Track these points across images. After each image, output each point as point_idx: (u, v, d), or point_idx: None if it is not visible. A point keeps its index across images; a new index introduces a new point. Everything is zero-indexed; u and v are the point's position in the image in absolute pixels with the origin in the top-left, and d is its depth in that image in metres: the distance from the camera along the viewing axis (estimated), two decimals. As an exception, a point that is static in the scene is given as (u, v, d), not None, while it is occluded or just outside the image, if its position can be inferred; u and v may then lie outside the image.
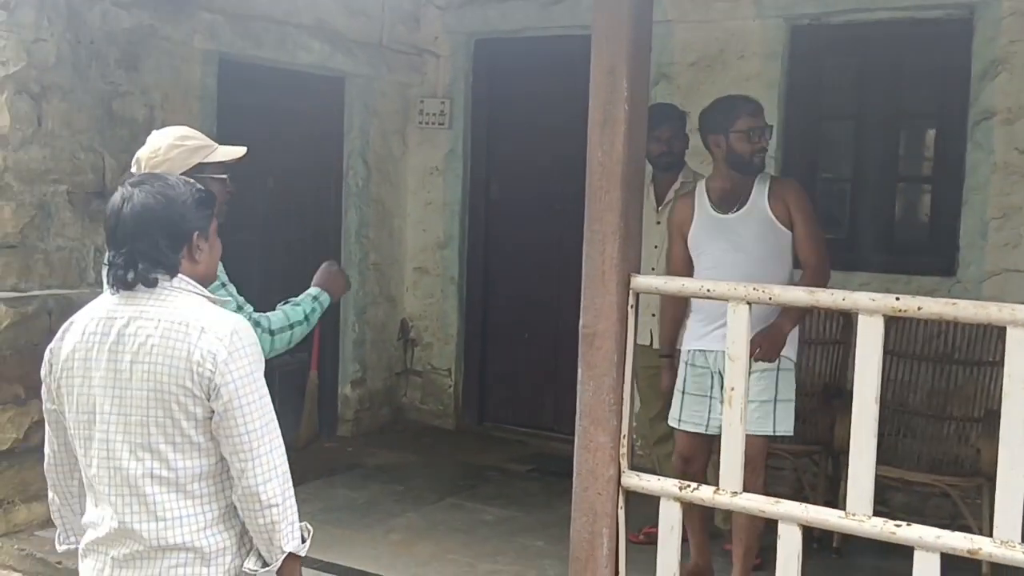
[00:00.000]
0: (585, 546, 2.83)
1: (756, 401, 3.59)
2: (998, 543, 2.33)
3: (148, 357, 1.98)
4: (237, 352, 1.99)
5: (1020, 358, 2.25)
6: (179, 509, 2.01)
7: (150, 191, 2.05)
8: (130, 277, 2.01)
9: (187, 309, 2.02)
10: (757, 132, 3.68)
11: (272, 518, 2.00)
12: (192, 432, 2.00)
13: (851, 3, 4.94)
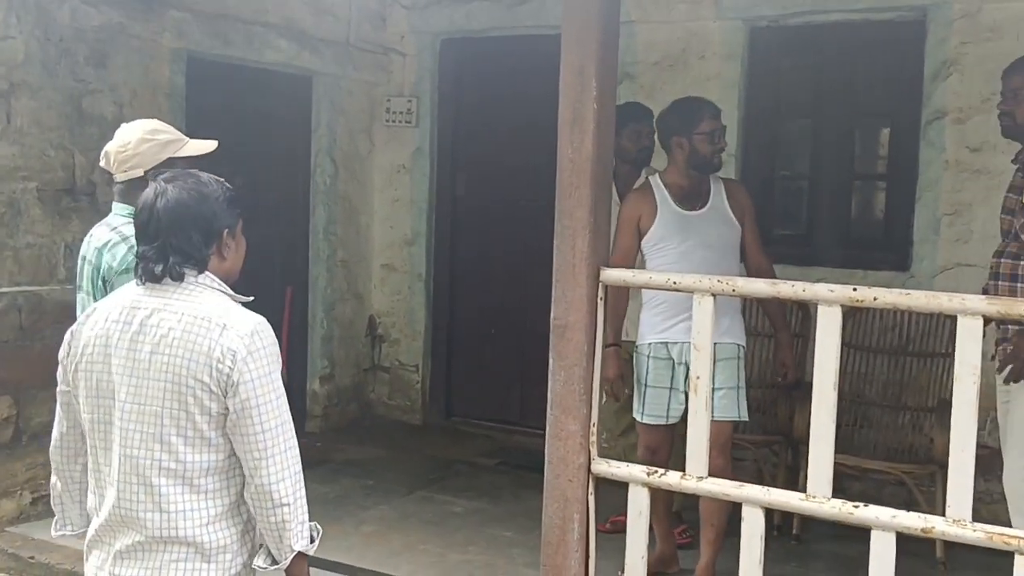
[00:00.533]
0: (556, 531, 2.92)
1: (723, 388, 3.74)
2: (950, 522, 2.46)
3: (168, 349, 2.01)
4: (257, 351, 2.01)
5: (969, 345, 2.38)
6: (184, 503, 2.03)
7: (184, 187, 2.10)
8: (159, 270, 2.05)
9: (211, 305, 2.05)
10: (719, 133, 3.85)
11: (283, 517, 2.02)
12: (204, 427, 2.01)
13: (808, 5, 5.08)
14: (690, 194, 3.85)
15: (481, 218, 6.31)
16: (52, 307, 4.44)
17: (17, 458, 4.49)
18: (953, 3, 4.78)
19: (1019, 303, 2.37)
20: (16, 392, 4.45)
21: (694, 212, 3.83)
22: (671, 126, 3.90)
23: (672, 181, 3.89)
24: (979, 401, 4.60)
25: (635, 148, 4.44)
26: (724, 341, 3.75)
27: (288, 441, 2.04)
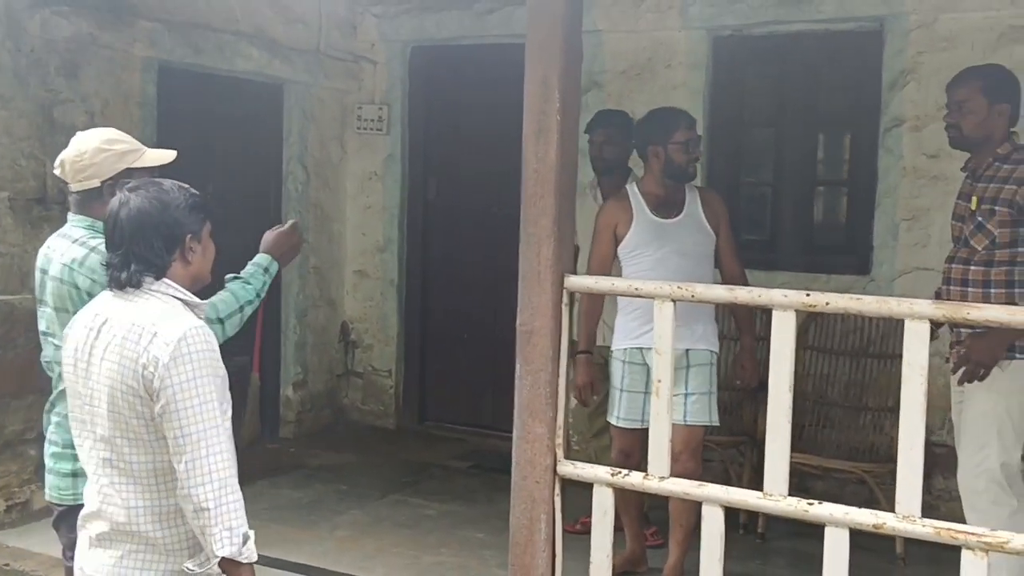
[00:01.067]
0: (524, 532, 2.99)
1: (696, 393, 3.85)
2: (900, 518, 2.55)
3: (110, 355, 2.11)
4: (182, 357, 2.05)
5: (917, 347, 2.47)
6: (136, 499, 2.13)
7: (146, 196, 2.18)
8: (124, 277, 2.15)
9: (151, 312, 2.12)
10: (693, 143, 3.96)
11: (203, 521, 2.05)
12: (141, 430, 2.10)
13: (770, 16, 5.19)
14: (666, 202, 3.95)
15: (453, 224, 6.38)
16: (24, 316, 4.45)
17: (-10, 466, 4.52)
18: (910, 14, 4.92)
19: (964, 307, 2.47)
20: (-11, 401, 4.47)
21: (669, 220, 3.93)
22: (647, 135, 4.00)
23: (648, 190, 3.98)
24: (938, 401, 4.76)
25: (591, 155, 4.57)
26: (699, 347, 3.87)
27: (212, 447, 2.06)
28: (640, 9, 5.47)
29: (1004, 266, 3.41)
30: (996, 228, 3.40)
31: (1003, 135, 3.49)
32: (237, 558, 2.08)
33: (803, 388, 5.03)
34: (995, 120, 3.47)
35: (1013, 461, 3.47)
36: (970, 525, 2.64)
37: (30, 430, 4.50)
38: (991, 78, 3.54)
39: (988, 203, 3.43)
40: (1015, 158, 3.44)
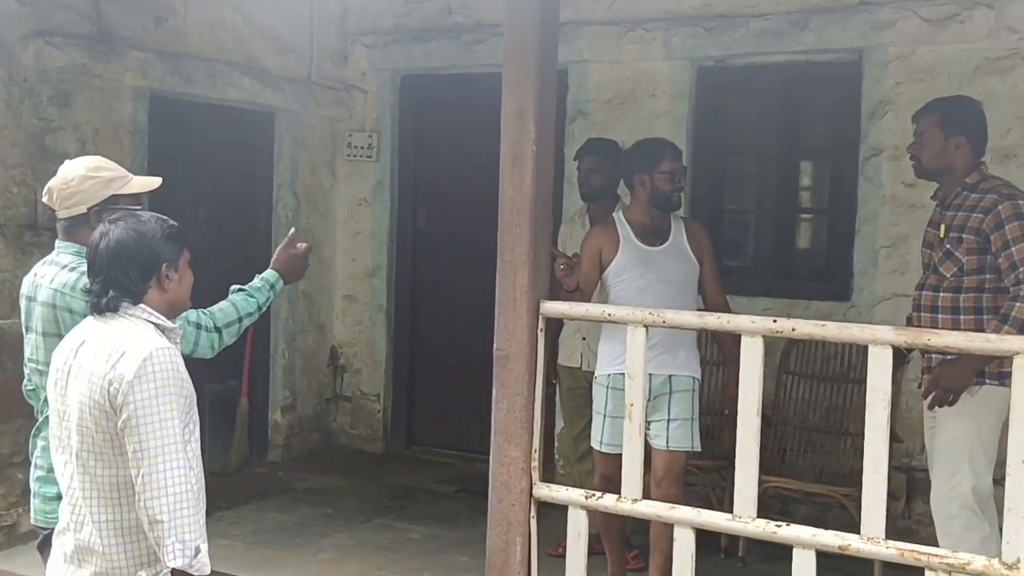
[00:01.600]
0: (500, 554, 3.04)
1: (679, 419, 3.91)
2: (865, 539, 2.61)
3: (81, 374, 2.24)
4: (145, 376, 2.17)
5: (879, 372, 2.54)
6: (101, 513, 2.23)
7: (124, 227, 2.33)
8: (103, 303, 2.30)
9: (122, 334, 2.25)
10: (679, 173, 4.04)
11: (158, 533, 2.15)
12: (106, 445, 2.21)
13: (752, 47, 5.29)
14: (652, 230, 4.02)
15: (441, 250, 6.45)
16: (13, 340, 4.48)
17: (-22, 490, 4.56)
18: (888, 46, 5.01)
19: (924, 333, 2.54)
20: (-23, 424, 4.52)
21: (654, 248, 4.00)
22: (634, 164, 4.08)
23: (634, 218, 4.05)
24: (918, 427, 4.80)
25: (579, 182, 4.67)
26: (681, 374, 3.93)
27: (169, 462, 2.16)
28: (623, 40, 5.57)
29: (972, 293, 3.48)
30: (964, 256, 3.47)
31: (966, 166, 3.57)
32: (188, 570, 2.17)
33: (785, 414, 5.09)
34: (952, 152, 3.56)
35: (984, 486, 3.52)
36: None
37: (17, 454, 4.55)
38: (949, 111, 3.62)
39: (956, 231, 3.51)
40: (983, 187, 3.52)
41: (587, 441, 4.48)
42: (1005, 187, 3.51)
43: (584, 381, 4.62)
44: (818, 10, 5.12)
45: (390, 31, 6.34)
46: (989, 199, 3.45)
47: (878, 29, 5.01)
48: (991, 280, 3.45)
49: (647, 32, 5.52)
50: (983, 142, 3.65)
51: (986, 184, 3.53)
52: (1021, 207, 3.41)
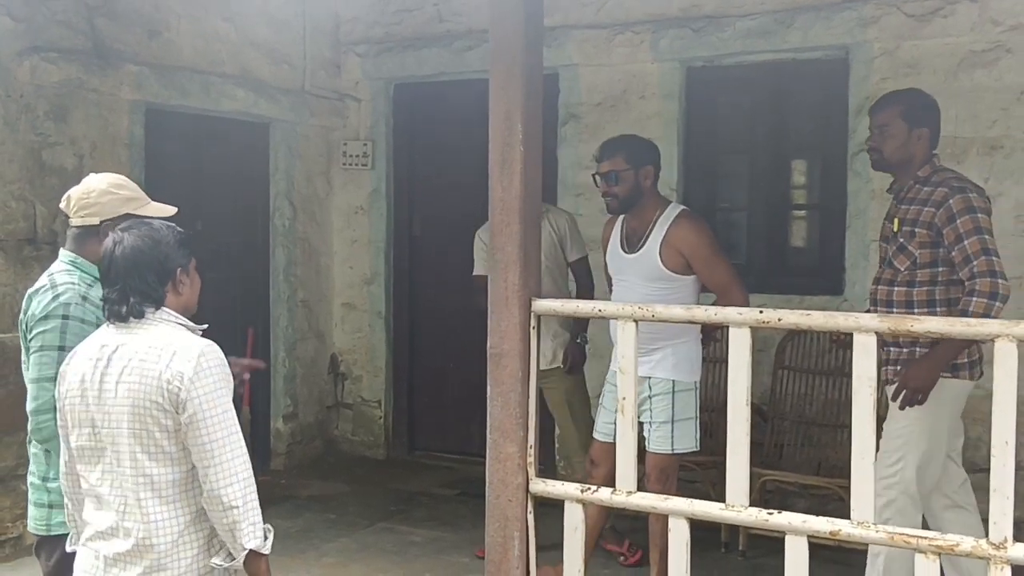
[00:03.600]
0: (498, 550, 3.08)
1: (656, 422, 3.92)
2: (855, 524, 2.64)
3: (129, 377, 2.27)
4: (204, 371, 2.26)
5: (864, 360, 2.58)
6: (158, 513, 2.27)
7: (138, 235, 2.39)
8: (123, 310, 2.34)
9: (164, 335, 2.32)
10: (612, 176, 3.90)
11: (234, 518, 2.24)
12: (164, 443, 2.26)
13: (740, 46, 5.35)
14: (635, 232, 3.97)
15: (437, 255, 6.50)
16: (15, 353, 4.48)
17: (-17, 502, 4.60)
18: (873, 42, 5.07)
19: (906, 320, 2.57)
20: (-19, 437, 4.57)
21: (628, 254, 3.97)
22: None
23: (628, 218, 4.02)
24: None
25: None
26: (657, 375, 3.91)
27: (235, 450, 2.27)
28: (612, 43, 5.63)
29: (926, 286, 3.51)
30: (917, 249, 3.50)
31: (924, 158, 3.60)
32: (260, 550, 2.28)
33: (782, 408, 5.13)
34: (915, 144, 3.58)
35: (927, 477, 3.60)
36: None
37: (22, 466, 4.58)
38: (911, 103, 3.65)
39: (909, 225, 3.53)
40: (935, 180, 3.53)
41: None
42: (956, 180, 3.53)
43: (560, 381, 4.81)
44: (803, 8, 5.18)
45: (382, 40, 6.41)
46: (940, 192, 3.46)
47: (863, 25, 5.06)
48: (944, 273, 3.48)
49: (635, 34, 5.58)
50: (939, 135, 3.69)
51: (938, 177, 3.54)
52: (972, 200, 3.43)
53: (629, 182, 3.89)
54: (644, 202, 3.94)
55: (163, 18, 5.39)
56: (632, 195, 3.91)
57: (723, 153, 5.83)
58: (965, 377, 3.56)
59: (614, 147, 3.98)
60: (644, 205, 3.94)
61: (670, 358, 3.91)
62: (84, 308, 2.72)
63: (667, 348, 3.90)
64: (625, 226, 4.04)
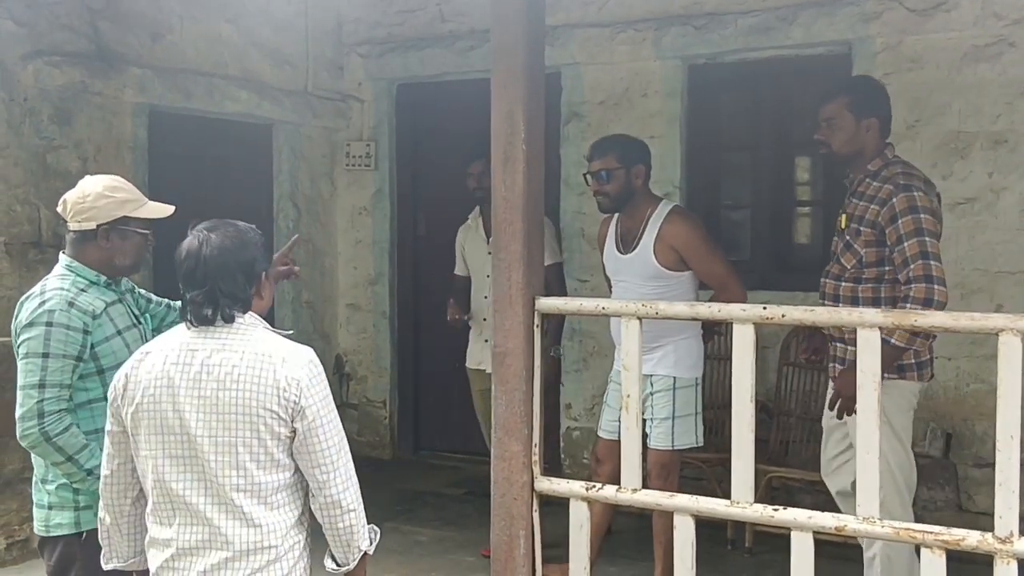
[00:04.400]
0: (504, 548, 3.08)
1: (657, 419, 3.93)
2: (861, 520, 2.64)
3: (236, 385, 2.19)
4: (316, 378, 2.26)
5: (868, 355, 2.58)
6: (264, 517, 2.23)
7: (225, 235, 2.29)
8: (209, 313, 2.23)
9: (266, 342, 2.26)
10: (603, 175, 3.94)
11: (351, 521, 2.30)
12: (275, 450, 2.22)
13: (741, 44, 5.34)
14: (629, 232, 4.00)
15: (441, 255, 6.45)
16: (21, 356, 4.57)
17: (-9, 505, 4.61)
18: (876, 37, 5.06)
19: (910, 314, 2.58)
20: (-12, 440, 4.58)
21: (624, 255, 3.99)
22: None
23: (622, 218, 4.05)
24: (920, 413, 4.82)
25: (471, 187, 4.81)
26: (658, 373, 3.93)
27: (347, 454, 2.31)
28: (615, 42, 5.63)
29: (871, 283, 3.44)
30: (862, 248, 3.43)
31: (875, 149, 3.51)
32: (369, 551, 2.38)
33: (787, 405, 5.13)
34: (863, 135, 3.49)
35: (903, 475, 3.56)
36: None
37: (28, 469, 4.53)
38: (857, 93, 3.56)
39: (855, 222, 3.46)
40: (883, 175, 3.45)
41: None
42: (903, 175, 3.42)
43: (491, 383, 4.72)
44: (805, 4, 5.17)
45: (385, 40, 6.41)
46: (885, 190, 3.38)
47: (865, 21, 5.05)
48: (890, 272, 3.39)
49: (637, 32, 5.58)
50: (889, 124, 3.60)
51: (887, 171, 3.45)
52: (916, 199, 3.32)
53: (620, 181, 3.93)
54: (636, 201, 3.97)
55: (166, 20, 5.40)
56: (623, 194, 3.95)
57: (726, 150, 5.82)
58: (913, 379, 3.48)
59: (605, 146, 4.01)
60: (636, 204, 3.97)
61: (671, 355, 3.94)
62: (69, 314, 2.70)
63: (668, 345, 3.92)
64: (619, 227, 4.06)
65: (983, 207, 4.90)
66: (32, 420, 2.65)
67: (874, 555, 3.52)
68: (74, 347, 2.69)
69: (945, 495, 5.02)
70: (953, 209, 4.96)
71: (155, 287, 3.92)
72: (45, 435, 2.65)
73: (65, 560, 2.79)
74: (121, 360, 2.72)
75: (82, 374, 2.73)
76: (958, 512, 4.93)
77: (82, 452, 2.69)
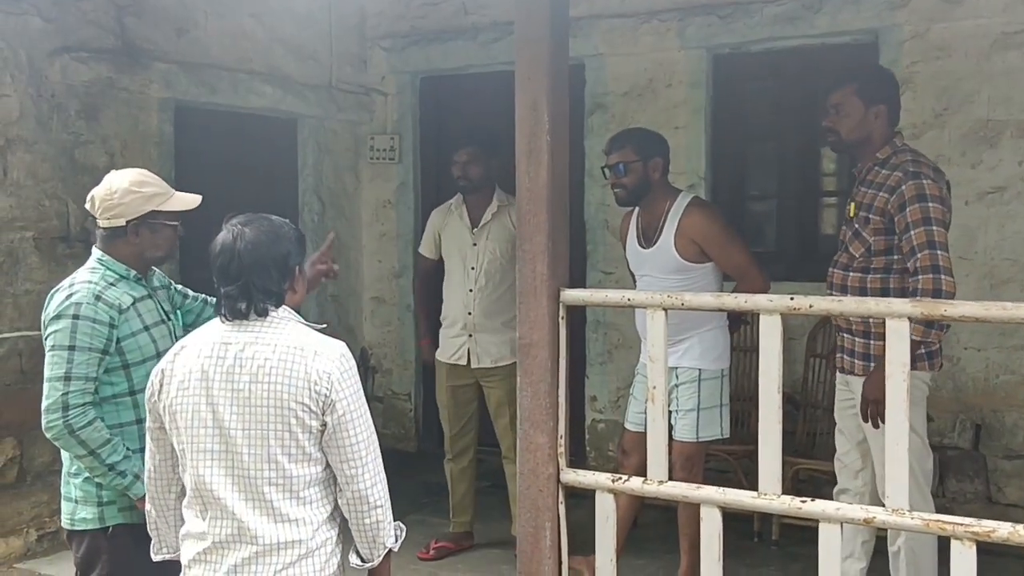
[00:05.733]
0: (530, 540, 3.08)
1: (682, 411, 3.92)
2: (890, 511, 2.62)
3: (268, 377, 2.20)
4: (347, 372, 2.24)
5: (897, 345, 2.55)
6: (295, 512, 2.22)
7: (259, 229, 2.30)
8: (243, 307, 2.24)
9: (298, 335, 2.26)
10: (620, 168, 3.94)
11: (378, 517, 2.28)
12: (306, 444, 2.21)
13: (767, 32, 5.30)
14: (650, 226, 3.99)
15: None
16: (51, 350, 4.63)
17: (22, 497, 4.67)
18: (903, 25, 5.01)
19: (940, 304, 2.54)
20: (19, 433, 4.63)
21: (646, 249, 3.98)
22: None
23: (642, 213, 4.05)
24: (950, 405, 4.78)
25: (455, 175, 4.75)
26: (683, 365, 3.93)
27: (377, 449, 2.29)
28: (639, 32, 5.61)
29: (880, 274, 3.42)
30: (871, 236, 3.39)
31: (883, 137, 3.48)
32: (394, 548, 2.37)
33: (814, 397, 5.10)
34: (872, 122, 3.47)
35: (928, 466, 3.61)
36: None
37: (59, 461, 4.61)
38: (866, 80, 3.52)
39: (864, 210, 3.43)
40: (892, 163, 3.42)
41: (465, 439, 4.77)
42: (912, 163, 3.38)
43: (472, 378, 4.71)
44: (831, -7, 5.12)
45: (408, 34, 6.42)
46: (894, 177, 3.35)
47: (892, 8, 5.00)
48: (899, 261, 3.36)
49: (661, 23, 5.55)
50: (898, 112, 3.56)
51: (896, 159, 3.42)
52: (925, 187, 3.29)
53: (638, 173, 3.92)
54: (655, 194, 3.96)
55: (191, 16, 5.43)
56: (640, 186, 3.94)
57: (751, 141, 5.78)
58: (924, 368, 3.45)
59: (623, 139, 4.01)
60: (655, 197, 3.96)
61: (696, 347, 3.93)
62: (96, 308, 2.72)
63: (693, 337, 3.91)
64: (640, 221, 4.04)
65: (1013, 196, 4.85)
66: (56, 412, 2.66)
67: (898, 548, 3.49)
68: (100, 340, 2.70)
69: (975, 487, 4.97)
70: (982, 198, 4.91)
71: (182, 279, 3.94)
72: (69, 428, 2.66)
73: (91, 554, 2.82)
74: (147, 355, 2.75)
75: (107, 368, 2.75)
76: (988, 504, 4.89)
77: (105, 447, 2.70)
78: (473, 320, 4.66)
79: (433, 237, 4.93)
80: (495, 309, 4.60)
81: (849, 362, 3.61)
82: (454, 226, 4.79)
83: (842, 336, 3.60)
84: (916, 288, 3.22)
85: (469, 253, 4.69)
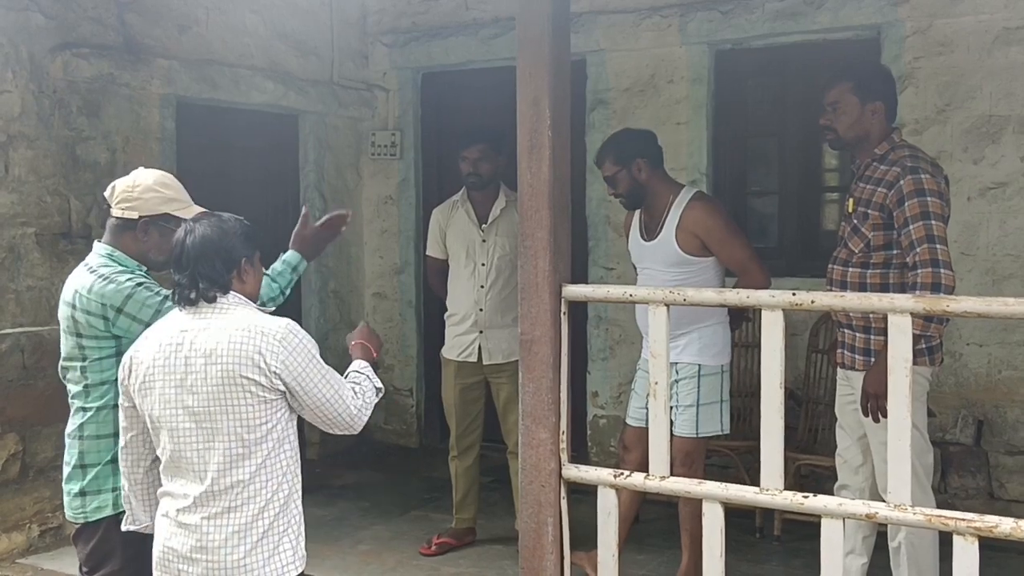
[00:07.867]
0: (532, 535, 3.08)
1: (681, 406, 3.91)
2: (892, 507, 2.62)
3: (220, 358, 2.43)
4: (291, 343, 2.46)
5: (900, 340, 2.55)
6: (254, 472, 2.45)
7: (208, 224, 2.57)
8: (192, 295, 2.50)
9: (245, 318, 2.50)
10: (612, 181, 3.97)
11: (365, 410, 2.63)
12: (260, 412, 2.44)
13: (768, 29, 5.30)
14: (652, 219, 4.01)
15: (467, 244, 6.48)
16: (53, 346, 4.54)
17: (25, 492, 4.68)
18: (905, 21, 5.00)
19: (943, 300, 2.54)
20: (22, 429, 4.64)
21: (647, 242, 3.99)
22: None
23: (644, 207, 4.06)
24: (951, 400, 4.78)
25: (464, 171, 4.72)
26: (683, 360, 3.92)
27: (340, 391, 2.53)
28: (640, 28, 5.60)
29: (879, 269, 3.41)
30: (870, 232, 3.39)
31: (881, 133, 3.47)
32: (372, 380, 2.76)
33: (816, 392, 5.10)
34: (869, 119, 3.46)
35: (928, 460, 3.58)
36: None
37: (61, 457, 4.64)
38: (862, 77, 3.51)
39: (863, 206, 3.43)
40: (890, 159, 3.41)
41: (471, 437, 4.75)
42: (910, 158, 3.38)
43: (480, 374, 4.72)
44: (833, -12, 5.12)
45: (409, 30, 6.41)
46: (893, 172, 3.35)
47: (894, 4, 5.00)
48: (898, 256, 3.36)
49: (663, 19, 5.55)
50: (895, 108, 3.56)
51: (894, 155, 3.42)
52: (923, 181, 3.29)
53: (625, 181, 3.95)
54: (654, 190, 3.96)
55: (192, 12, 5.43)
56: (634, 191, 3.96)
57: (753, 136, 5.77)
58: (925, 363, 3.44)
59: (603, 153, 4.04)
60: (655, 193, 3.96)
61: (696, 343, 3.93)
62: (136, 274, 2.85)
63: (693, 333, 3.91)
64: (643, 214, 4.05)
65: (1015, 191, 4.84)
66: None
67: (899, 543, 3.50)
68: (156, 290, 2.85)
69: (976, 483, 4.98)
70: (984, 194, 4.91)
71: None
72: None
73: (107, 543, 2.82)
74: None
75: (103, 355, 2.80)
76: (989, 500, 4.89)
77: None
78: (485, 317, 4.66)
79: (439, 237, 4.91)
80: (506, 305, 4.59)
81: (849, 357, 3.61)
82: (461, 223, 4.77)
83: (842, 331, 3.60)
84: (916, 282, 3.22)
85: (479, 250, 4.68)
